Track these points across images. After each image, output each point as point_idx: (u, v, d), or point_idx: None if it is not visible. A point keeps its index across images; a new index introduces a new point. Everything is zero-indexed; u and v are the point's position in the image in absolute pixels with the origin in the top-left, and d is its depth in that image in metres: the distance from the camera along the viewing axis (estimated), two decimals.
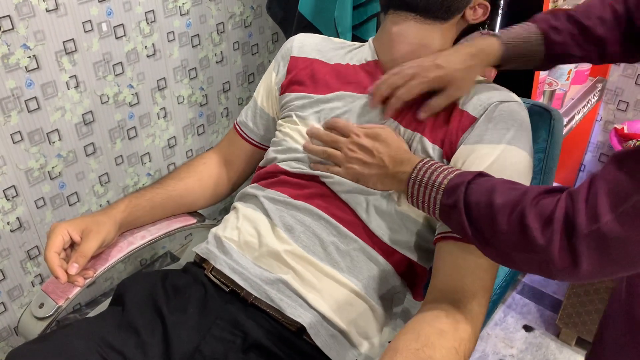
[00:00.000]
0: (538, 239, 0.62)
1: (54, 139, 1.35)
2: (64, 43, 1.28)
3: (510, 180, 0.73)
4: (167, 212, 1.02)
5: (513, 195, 0.68)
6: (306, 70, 0.99)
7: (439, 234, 0.83)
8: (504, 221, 0.66)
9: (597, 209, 0.59)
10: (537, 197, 0.66)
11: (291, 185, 0.92)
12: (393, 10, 0.94)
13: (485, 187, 0.71)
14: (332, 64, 0.99)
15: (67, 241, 0.87)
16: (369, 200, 0.88)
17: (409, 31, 0.92)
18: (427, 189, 0.77)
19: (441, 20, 0.93)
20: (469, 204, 0.71)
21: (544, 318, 1.76)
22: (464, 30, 1.01)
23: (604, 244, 0.59)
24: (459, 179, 0.74)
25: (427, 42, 0.93)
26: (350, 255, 0.86)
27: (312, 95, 0.96)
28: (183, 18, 1.51)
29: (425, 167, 0.79)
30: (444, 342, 0.70)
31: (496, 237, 0.68)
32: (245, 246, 0.89)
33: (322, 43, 1.03)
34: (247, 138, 1.08)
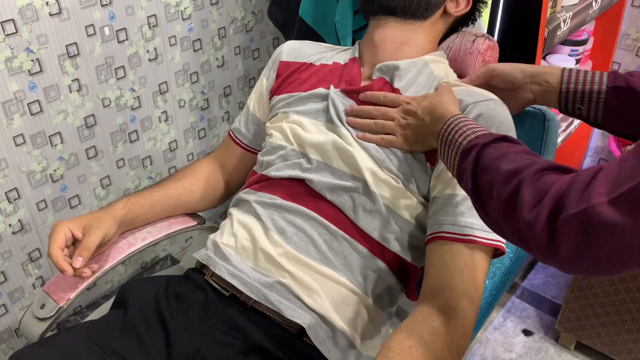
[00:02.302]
0: (526, 213, 0.58)
1: (56, 142, 1.36)
2: (66, 47, 1.29)
3: (527, 150, 0.68)
4: (166, 210, 1.03)
5: (520, 163, 0.63)
6: (294, 73, 1.02)
7: (430, 235, 0.84)
8: (502, 188, 0.63)
9: (591, 192, 0.54)
10: (541, 172, 0.61)
11: (281, 186, 0.93)
12: (373, 15, 0.96)
13: (499, 152, 0.67)
14: (318, 64, 1.02)
15: (70, 238, 0.88)
16: (354, 199, 0.88)
17: (390, 33, 0.96)
18: (451, 148, 0.74)
19: (422, 18, 0.95)
20: (478, 167, 0.68)
21: (543, 322, 1.76)
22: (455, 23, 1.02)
23: (589, 228, 0.53)
24: (477, 141, 0.70)
25: (410, 41, 0.96)
26: (344, 254, 0.87)
27: (295, 93, 0.99)
28: (185, 22, 1.52)
29: (453, 124, 0.76)
30: (436, 339, 0.71)
31: (492, 204, 0.64)
32: (243, 251, 0.90)
33: (310, 47, 1.07)
34: (240, 143, 1.11)
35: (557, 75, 0.86)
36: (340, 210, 0.89)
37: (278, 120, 0.99)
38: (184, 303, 0.87)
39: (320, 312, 0.83)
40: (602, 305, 1.53)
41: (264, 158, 0.98)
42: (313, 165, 0.91)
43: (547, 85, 0.87)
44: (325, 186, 0.89)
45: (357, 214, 0.88)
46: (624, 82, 0.80)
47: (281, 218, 0.90)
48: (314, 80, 0.99)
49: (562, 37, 1.32)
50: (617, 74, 0.82)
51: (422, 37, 0.97)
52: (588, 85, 0.83)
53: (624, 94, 0.80)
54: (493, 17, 1.20)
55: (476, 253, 0.80)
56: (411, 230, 0.89)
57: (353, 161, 0.89)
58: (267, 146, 0.99)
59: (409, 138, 0.88)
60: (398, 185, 0.87)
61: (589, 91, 0.82)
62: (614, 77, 0.81)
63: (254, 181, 0.98)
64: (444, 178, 0.85)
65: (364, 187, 0.88)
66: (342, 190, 0.89)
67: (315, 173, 0.91)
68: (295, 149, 0.94)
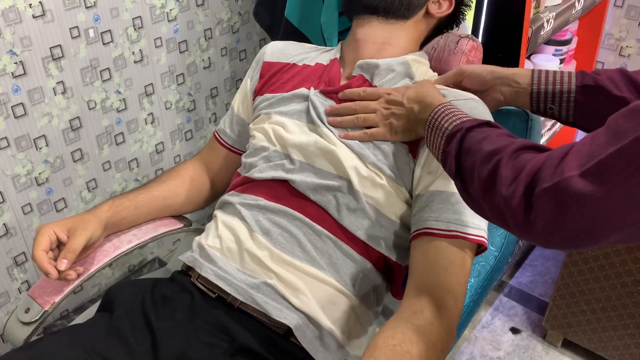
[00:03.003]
0: (504, 188, 0.60)
1: (40, 145, 1.34)
2: (50, 49, 1.28)
3: (508, 132, 0.71)
4: (151, 212, 1.02)
5: (499, 144, 0.66)
6: (277, 74, 1.03)
7: (414, 232, 0.85)
8: (482, 167, 0.65)
9: (564, 166, 0.55)
10: (519, 150, 0.63)
11: (264, 187, 0.93)
12: (356, 15, 0.97)
13: (481, 135, 0.69)
14: (301, 65, 1.02)
15: (54, 241, 0.87)
16: (338, 198, 0.88)
17: (373, 32, 0.96)
18: (437, 133, 0.76)
19: (403, 18, 0.96)
20: (461, 149, 0.70)
21: (530, 320, 1.78)
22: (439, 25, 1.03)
23: (562, 200, 0.55)
24: (461, 125, 0.73)
25: (392, 40, 0.97)
26: (329, 253, 0.87)
27: (278, 94, 0.99)
28: (170, 24, 1.52)
29: (440, 111, 0.78)
30: (421, 337, 0.72)
31: (473, 183, 0.67)
32: (228, 253, 0.90)
33: (294, 48, 1.07)
34: (225, 144, 1.11)
35: (528, 76, 0.87)
36: (324, 209, 0.89)
37: (261, 122, 0.99)
38: (170, 305, 0.87)
39: (306, 312, 0.84)
40: (589, 302, 1.55)
41: (247, 160, 0.98)
42: (296, 166, 0.92)
43: (518, 86, 0.88)
44: (308, 186, 0.89)
45: (341, 213, 0.88)
46: (592, 81, 0.82)
47: (266, 219, 0.90)
48: (296, 81, 1.00)
49: (546, 37, 1.33)
50: (585, 73, 0.84)
51: (404, 38, 0.98)
52: (558, 85, 0.84)
53: (592, 92, 0.82)
54: (477, 17, 1.21)
55: (460, 249, 0.81)
56: (396, 229, 0.89)
57: (337, 161, 0.89)
58: (250, 148, 0.99)
59: (394, 127, 0.88)
60: (382, 182, 0.88)
61: (559, 91, 0.84)
62: (582, 76, 0.83)
63: (237, 183, 0.98)
64: (427, 175, 0.86)
65: (348, 186, 0.88)
66: (326, 189, 0.89)
67: (298, 174, 0.91)
68: (278, 150, 0.94)
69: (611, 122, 0.56)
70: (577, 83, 0.83)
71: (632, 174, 0.51)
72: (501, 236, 0.92)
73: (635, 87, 0.79)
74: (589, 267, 1.52)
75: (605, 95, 0.81)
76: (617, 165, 0.52)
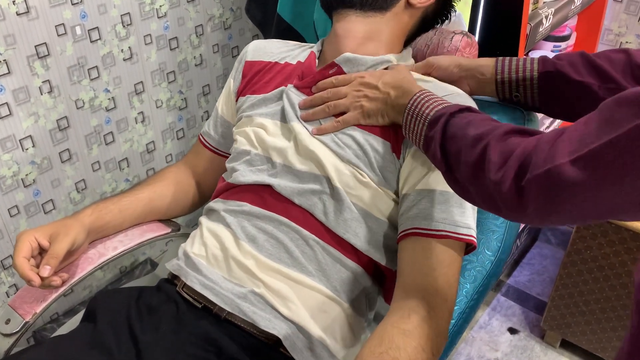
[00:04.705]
0: (493, 173, 0.61)
1: (27, 146, 1.31)
2: (36, 47, 1.25)
3: (490, 117, 0.71)
4: (137, 215, 0.99)
5: (485, 128, 0.66)
6: (259, 73, 0.99)
7: (401, 232, 0.82)
8: (469, 152, 0.65)
9: (555, 152, 0.55)
10: (507, 134, 0.64)
11: (248, 192, 0.90)
12: (334, 10, 0.94)
13: (465, 120, 0.70)
14: (283, 63, 0.99)
15: (36, 247, 0.84)
16: (324, 201, 0.85)
17: (352, 27, 0.92)
18: (418, 120, 0.76)
19: (381, 9, 0.92)
20: (445, 135, 0.70)
21: (528, 320, 1.76)
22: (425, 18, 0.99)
23: (553, 187, 0.55)
24: (443, 111, 0.73)
25: (373, 35, 0.93)
26: (317, 259, 0.84)
27: (259, 95, 0.96)
28: (160, 21, 1.48)
29: (420, 98, 0.78)
30: (409, 342, 0.69)
31: (460, 169, 0.67)
32: (214, 261, 0.87)
33: (276, 46, 1.04)
34: (209, 146, 1.07)
35: (491, 66, 0.89)
36: (310, 213, 0.86)
37: (243, 125, 0.96)
38: (156, 316, 0.84)
39: (296, 322, 0.81)
40: (587, 303, 1.53)
41: (230, 164, 0.95)
42: (277, 169, 0.89)
43: (483, 77, 0.90)
44: (292, 190, 0.86)
45: (327, 216, 0.85)
46: (552, 67, 0.83)
47: (251, 225, 0.86)
48: (278, 80, 0.96)
49: (545, 34, 1.30)
50: (546, 59, 0.86)
51: (386, 32, 0.93)
52: (521, 73, 0.86)
53: (553, 78, 0.84)
54: (474, 14, 1.17)
55: (448, 249, 0.79)
56: (385, 230, 0.86)
57: (316, 160, 0.86)
58: (233, 152, 0.96)
59: (365, 110, 0.86)
60: (365, 180, 0.84)
61: (522, 78, 0.86)
62: (544, 62, 0.85)
63: (222, 189, 0.95)
64: (414, 174, 0.83)
65: (330, 186, 0.85)
66: (310, 193, 0.86)
67: (280, 177, 0.88)
68: (260, 153, 0.91)
69: (604, 109, 0.55)
70: (539, 70, 0.85)
71: (624, 164, 0.51)
72: (497, 240, 0.90)
73: (596, 70, 0.81)
74: (587, 268, 1.50)
75: (566, 80, 0.82)
76: (610, 155, 0.52)
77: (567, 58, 0.84)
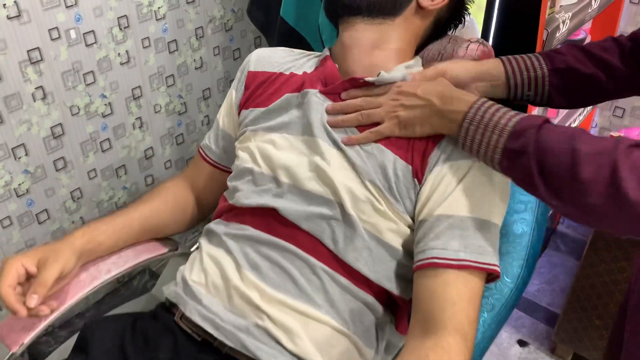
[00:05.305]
0: (632, 192, 0.60)
1: (20, 154, 1.26)
2: (28, 52, 1.19)
3: (585, 129, 0.69)
4: (132, 235, 0.93)
5: (601, 144, 0.64)
6: (263, 84, 0.93)
7: (417, 262, 0.76)
8: (588, 169, 0.63)
9: None
10: (629, 148, 0.63)
11: (251, 215, 0.84)
12: (340, 18, 0.88)
13: (561, 133, 0.68)
14: (288, 74, 0.93)
15: (22, 274, 0.79)
16: (333, 227, 0.79)
17: (360, 35, 0.86)
18: (488, 130, 0.72)
19: (391, 16, 0.86)
20: (542, 149, 0.67)
21: (538, 332, 1.70)
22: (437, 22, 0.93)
23: None
24: (528, 122, 0.70)
25: (382, 43, 0.87)
26: (325, 289, 0.78)
27: (263, 108, 0.90)
28: (159, 23, 1.42)
29: (485, 107, 0.74)
30: None
31: (574, 187, 0.64)
32: (215, 290, 0.81)
33: (281, 55, 0.97)
34: (210, 160, 1.02)
35: (500, 68, 0.88)
36: (318, 240, 0.80)
37: (246, 140, 0.90)
38: (152, 347, 0.78)
39: (302, 357, 0.75)
40: (601, 317, 1.47)
41: (232, 183, 0.89)
42: (283, 189, 0.82)
43: (495, 80, 0.88)
44: (298, 214, 0.80)
45: (336, 243, 0.79)
46: (563, 63, 0.86)
47: (254, 252, 0.81)
48: (283, 92, 0.90)
49: (561, 39, 1.24)
50: (550, 55, 0.88)
51: (396, 38, 0.87)
52: (532, 72, 0.87)
53: (564, 73, 0.86)
54: (488, 19, 1.11)
55: (469, 280, 0.73)
56: (399, 258, 0.80)
57: (329, 181, 0.80)
58: (235, 169, 0.90)
59: (402, 120, 0.80)
60: (381, 207, 0.78)
61: (534, 77, 0.87)
62: (550, 59, 0.87)
63: (223, 210, 0.89)
64: (433, 199, 0.77)
65: (342, 212, 0.79)
66: (319, 217, 0.80)
67: (286, 199, 0.82)
68: (264, 171, 0.85)
69: None
70: (548, 67, 0.86)
71: None
72: (518, 265, 0.84)
73: (595, 60, 0.85)
74: (602, 281, 1.45)
75: (576, 74, 0.85)
76: None
77: (569, 52, 0.87)
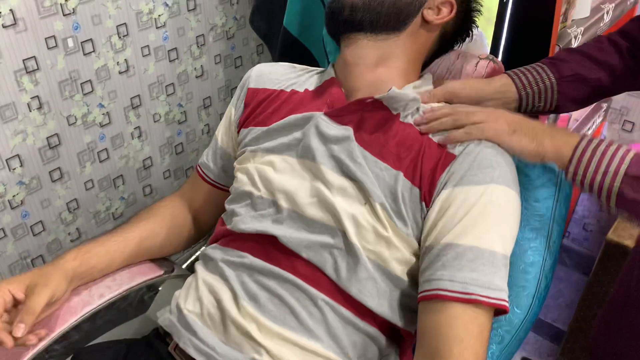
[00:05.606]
0: None
1: (14, 166, 1.23)
2: (24, 61, 1.16)
3: None
4: (127, 257, 0.90)
5: None
6: (263, 102, 0.90)
7: (423, 293, 0.72)
8: None
9: None
10: None
11: (250, 241, 0.81)
12: (342, 35, 0.84)
13: None
14: (289, 91, 0.89)
15: (9, 301, 0.75)
16: (335, 257, 0.76)
17: (363, 52, 0.82)
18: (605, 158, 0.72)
19: (395, 31, 0.83)
20: None
21: (543, 349, 1.67)
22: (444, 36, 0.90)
23: None
24: None
25: (386, 60, 0.83)
26: (326, 322, 0.75)
27: (263, 127, 0.87)
28: (159, 31, 1.39)
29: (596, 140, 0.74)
30: None
31: None
32: (210, 321, 0.78)
33: (282, 72, 0.94)
34: (208, 179, 0.98)
35: (511, 86, 0.89)
36: (320, 269, 0.76)
37: (245, 160, 0.87)
38: None
39: None
40: None
41: (230, 206, 0.86)
42: (283, 214, 0.79)
43: (504, 97, 0.89)
44: (299, 242, 0.77)
45: (339, 274, 0.75)
46: (570, 71, 0.88)
47: (252, 281, 0.77)
48: (284, 111, 0.87)
49: None
50: (554, 62, 0.89)
51: (401, 55, 0.84)
52: (541, 84, 0.89)
53: (573, 81, 0.89)
54: (498, 33, 1.08)
55: (478, 315, 0.69)
56: (404, 288, 0.77)
57: (331, 208, 0.76)
58: (233, 192, 0.87)
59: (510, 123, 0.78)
60: (386, 234, 0.75)
61: (544, 88, 0.89)
62: (555, 67, 0.89)
63: (220, 234, 0.86)
64: (441, 224, 0.73)
65: (345, 240, 0.76)
66: (320, 246, 0.76)
67: (286, 226, 0.78)
68: (263, 195, 0.81)
69: None
70: (556, 76, 0.88)
71: None
72: (528, 296, 0.80)
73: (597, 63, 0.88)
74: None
75: (582, 80, 0.88)
76: None
77: (571, 58, 0.89)
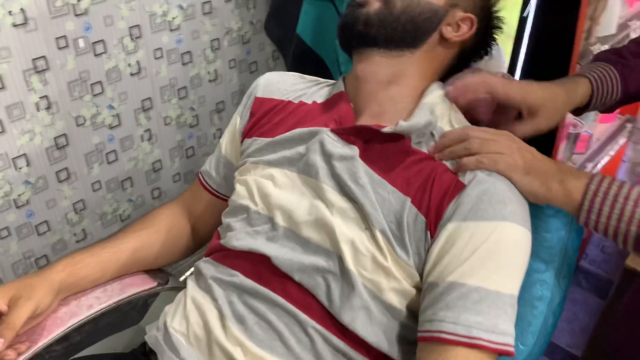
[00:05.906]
0: None
1: (20, 165, 1.22)
2: (33, 61, 1.15)
3: None
4: (119, 268, 0.87)
5: None
6: (269, 113, 0.86)
7: (424, 332, 0.68)
8: None
9: None
10: None
11: (243, 259, 0.78)
12: (354, 50, 0.81)
13: None
14: (297, 102, 0.86)
15: None
16: (329, 282, 0.72)
17: (375, 69, 0.79)
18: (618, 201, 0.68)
19: (411, 48, 0.79)
20: None
21: None
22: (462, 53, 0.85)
23: None
24: None
25: (399, 77, 0.79)
26: (316, 350, 0.72)
27: (267, 138, 0.84)
28: (173, 34, 1.38)
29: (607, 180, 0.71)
30: None
31: None
32: (195, 341, 0.75)
33: (291, 82, 0.90)
34: (209, 188, 0.96)
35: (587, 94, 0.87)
36: (312, 294, 0.73)
37: (245, 172, 0.84)
38: None
39: None
40: None
41: (227, 220, 0.83)
42: (279, 232, 0.76)
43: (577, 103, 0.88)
44: (291, 265, 0.73)
45: (331, 301, 0.72)
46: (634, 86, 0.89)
47: (241, 302, 0.74)
48: (290, 122, 0.84)
49: None
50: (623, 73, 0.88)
51: (415, 73, 0.80)
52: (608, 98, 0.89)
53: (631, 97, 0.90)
54: (516, 49, 1.03)
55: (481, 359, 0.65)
56: (401, 319, 0.73)
57: (329, 230, 0.73)
58: (230, 204, 0.84)
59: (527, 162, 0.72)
60: (386, 264, 0.71)
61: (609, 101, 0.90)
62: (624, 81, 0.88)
63: (215, 249, 0.83)
64: (446, 260, 0.69)
65: (340, 266, 0.72)
66: (313, 270, 0.73)
67: (280, 245, 0.75)
68: (260, 211, 0.78)
69: None
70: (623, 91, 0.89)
71: None
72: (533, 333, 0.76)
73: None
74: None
75: None
76: None
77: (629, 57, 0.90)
